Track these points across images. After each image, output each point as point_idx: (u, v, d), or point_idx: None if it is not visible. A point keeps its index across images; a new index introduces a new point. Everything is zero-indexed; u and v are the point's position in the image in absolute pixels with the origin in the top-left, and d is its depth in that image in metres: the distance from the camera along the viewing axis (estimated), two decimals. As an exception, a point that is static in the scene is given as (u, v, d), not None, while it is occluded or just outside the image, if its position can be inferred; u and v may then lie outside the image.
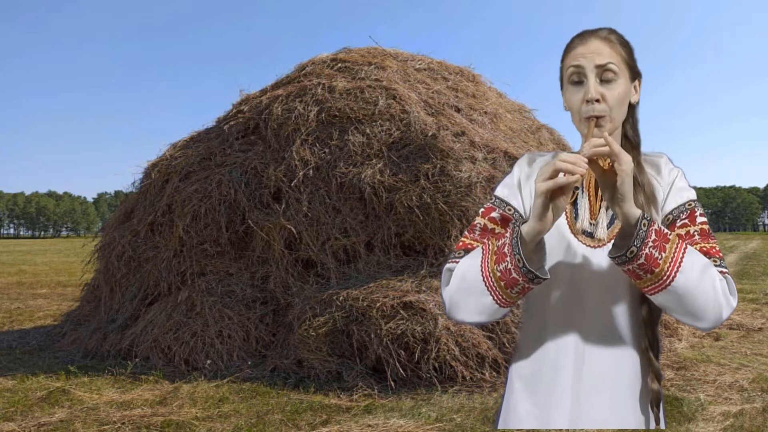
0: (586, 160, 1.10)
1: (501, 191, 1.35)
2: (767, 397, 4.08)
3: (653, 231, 1.11)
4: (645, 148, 1.34)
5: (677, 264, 1.11)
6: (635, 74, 1.28)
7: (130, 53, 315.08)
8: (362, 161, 5.55)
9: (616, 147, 1.11)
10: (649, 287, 1.13)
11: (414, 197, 5.22)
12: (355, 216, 5.45)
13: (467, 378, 4.31)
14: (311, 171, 5.64)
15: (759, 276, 12.81)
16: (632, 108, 1.29)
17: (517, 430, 1.30)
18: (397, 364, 4.33)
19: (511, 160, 5.59)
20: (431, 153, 5.44)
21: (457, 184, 5.21)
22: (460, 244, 1.30)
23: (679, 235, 1.17)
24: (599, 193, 1.27)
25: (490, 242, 1.22)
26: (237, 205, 5.76)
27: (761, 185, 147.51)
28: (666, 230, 1.14)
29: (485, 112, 6.62)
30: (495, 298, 1.19)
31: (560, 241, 1.26)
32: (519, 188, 1.34)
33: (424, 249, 5.28)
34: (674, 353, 5.22)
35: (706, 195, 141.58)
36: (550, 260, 1.25)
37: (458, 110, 6.39)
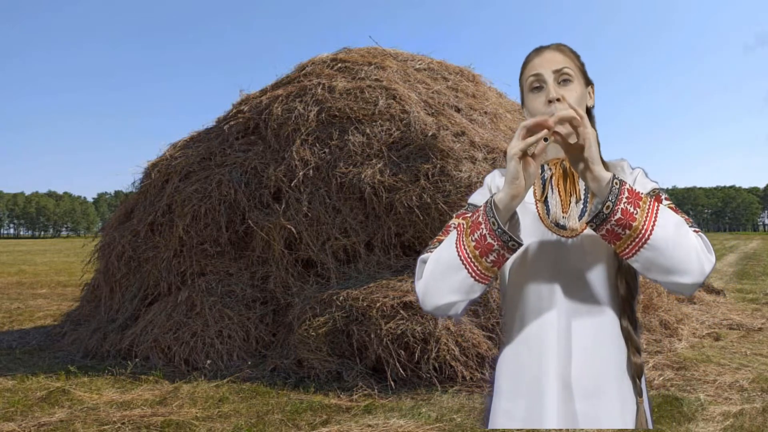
0: (551, 123, 1.16)
1: (473, 198, 1.40)
2: (767, 397, 4.08)
3: (626, 189, 1.15)
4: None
5: (653, 218, 1.14)
6: (588, 81, 1.37)
7: (130, 53, 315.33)
8: (362, 161, 5.55)
9: (580, 111, 1.17)
10: (629, 247, 1.14)
11: (414, 197, 5.22)
12: (355, 216, 5.45)
13: (467, 378, 4.31)
14: (311, 171, 5.64)
15: (759, 276, 12.81)
16: (589, 112, 1.37)
17: (511, 429, 1.30)
18: (397, 364, 4.33)
19: (511, 160, 5.59)
20: (431, 153, 5.44)
21: (457, 184, 5.21)
22: (435, 240, 1.33)
23: (648, 195, 1.21)
24: (568, 189, 1.33)
25: (463, 222, 1.25)
26: (237, 205, 5.76)
27: (761, 185, 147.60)
28: (637, 189, 1.18)
29: (485, 112, 6.62)
30: (469, 270, 1.20)
31: (535, 232, 1.29)
32: (491, 195, 1.37)
33: (424, 249, 5.27)
34: (674, 353, 5.22)
35: (706, 195, 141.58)
36: (527, 254, 1.28)
37: (458, 110, 6.39)
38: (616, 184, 1.14)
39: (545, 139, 1.15)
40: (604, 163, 1.25)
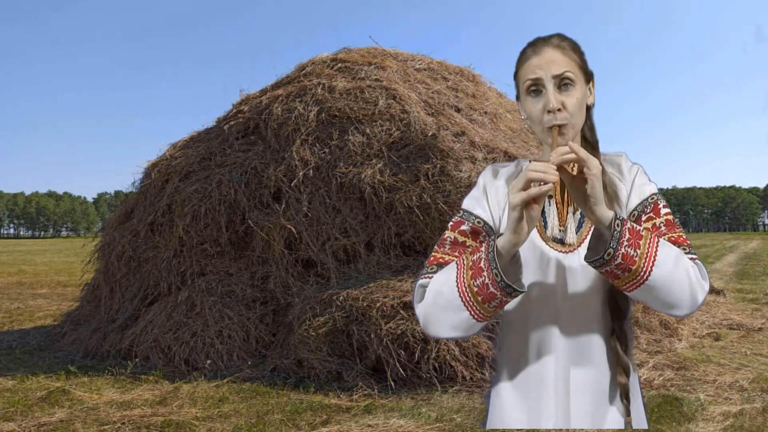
0: (555, 167, 1.12)
1: (468, 204, 1.36)
2: (767, 397, 4.08)
3: (627, 230, 1.14)
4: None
5: (652, 259, 1.14)
6: (589, 77, 1.30)
7: (130, 53, 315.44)
8: (362, 161, 5.55)
9: (583, 153, 1.13)
10: (627, 285, 1.16)
11: (414, 197, 5.22)
12: (355, 216, 5.45)
13: (467, 378, 4.31)
14: (311, 171, 5.64)
15: (759, 276, 12.81)
16: (589, 110, 1.31)
17: (511, 429, 1.31)
18: (397, 364, 4.33)
19: (512, 160, 5.59)
20: (431, 153, 5.43)
21: (457, 184, 5.21)
22: (432, 259, 1.31)
23: (647, 229, 1.20)
24: (566, 199, 1.30)
25: (464, 256, 1.23)
26: (237, 205, 5.76)
27: (761, 185, 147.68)
28: (637, 227, 1.17)
29: (485, 112, 6.62)
30: (472, 313, 1.20)
31: (533, 250, 1.28)
32: (486, 199, 1.36)
33: (424, 249, 5.28)
34: (674, 353, 5.22)
35: (706, 195, 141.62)
36: (525, 268, 1.27)
37: (458, 110, 6.39)
38: (618, 225, 1.13)
39: (549, 195, 1.14)
40: (602, 162, 1.24)
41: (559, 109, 1.21)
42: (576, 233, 1.28)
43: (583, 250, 1.26)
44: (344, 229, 5.39)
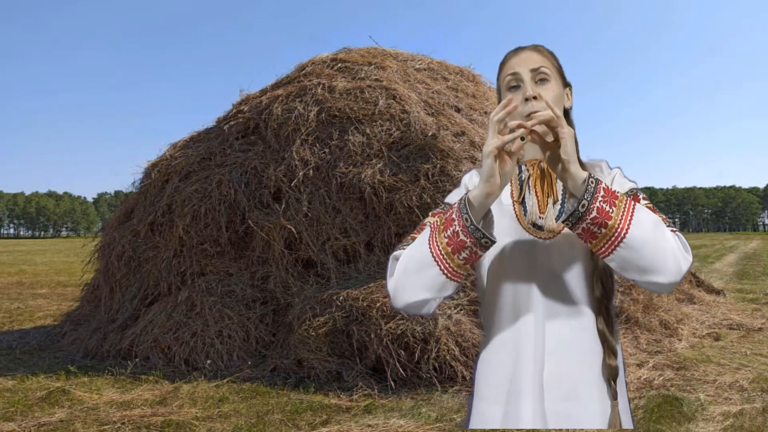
0: (529, 124, 1.16)
1: (451, 198, 1.40)
2: (767, 397, 4.08)
3: (602, 188, 1.14)
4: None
5: (629, 216, 1.13)
6: (566, 83, 1.36)
7: (130, 53, 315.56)
8: (362, 161, 5.55)
9: (558, 111, 1.17)
10: (605, 246, 1.14)
11: (414, 197, 5.23)
12: (355, 216, 5.45)
13: (467, 378, 4.31)
14: (311, 171, 5.64)
15: (759, 276, 12.81)
16: (567, 113, 1.36)
17: (507, 429, 1.30)
18: (397, 364, 4.33)
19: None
20: (431, 153, 5.44)
21: (457, 184, 5.17)
22: (408, 238, 1.32)
23: (624, 195, 1.21)
24: (545, 190, 1.32)
25: (437, 218, 1.25)
26: (237, 205, 5.76)
27: (761, 185, 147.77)
28: (614, 189, 1.17)
29: (485, 112, 6.62)
30: (441, 267, 1.19)
31: (512, 236, 1.29)
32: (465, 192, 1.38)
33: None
34: (674, 353, 5.22)
35: (706, 195, 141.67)
36: (504, 255, 1.27)
37: (458, 110, 6.39)
38: (592, 182, 1.14)
39: (522, 138, 1.15)
40: (581, 162, 1.26)
41: (535, 97, 1.25)
42: (555, 222, 1.28)
43: (563, 237, 1.26)
44: (344, 229, 5.40)
